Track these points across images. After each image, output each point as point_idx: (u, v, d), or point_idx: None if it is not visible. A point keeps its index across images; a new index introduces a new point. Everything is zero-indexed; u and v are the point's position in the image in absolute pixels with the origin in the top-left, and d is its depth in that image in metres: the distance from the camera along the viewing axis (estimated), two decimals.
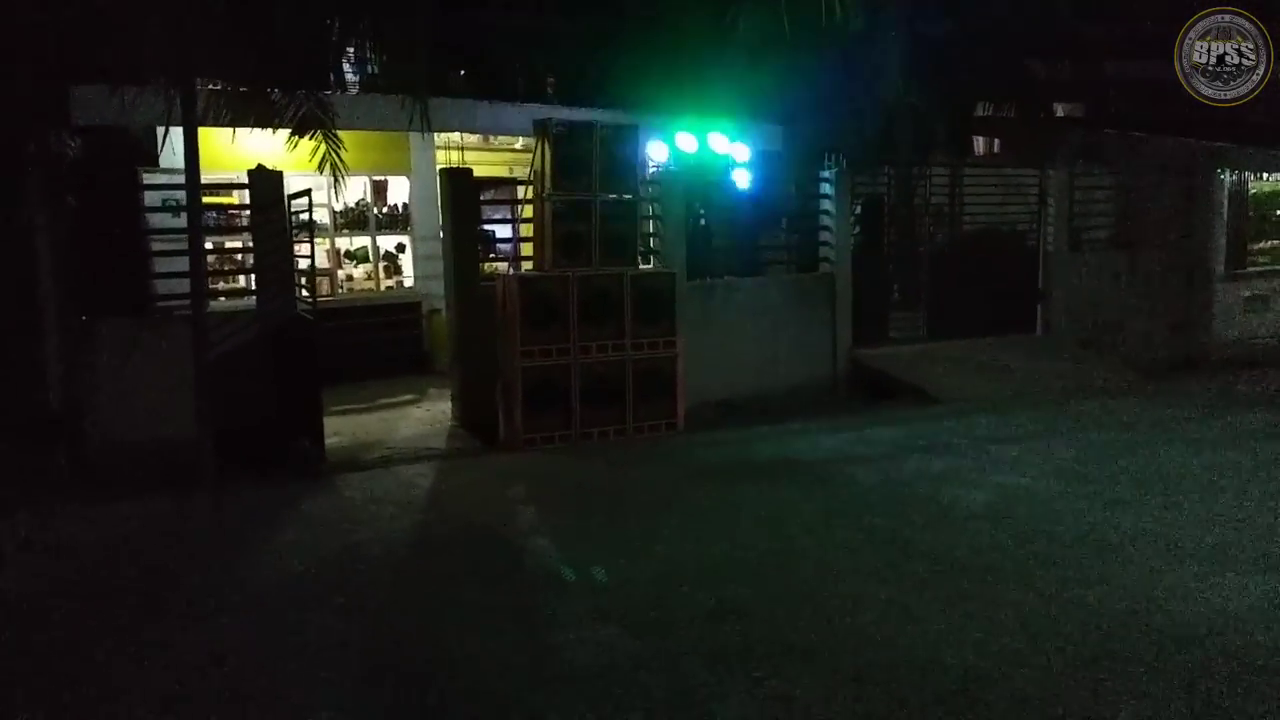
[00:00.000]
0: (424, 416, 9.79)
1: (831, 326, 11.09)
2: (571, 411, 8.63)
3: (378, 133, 10.97)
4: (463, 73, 12.65)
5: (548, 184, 8.57)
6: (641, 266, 9.43)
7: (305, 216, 8.62)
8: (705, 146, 10.66)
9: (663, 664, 4.29)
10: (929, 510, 6.43)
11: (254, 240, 8.67)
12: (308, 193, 8.21)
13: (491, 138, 13.72)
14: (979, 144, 16.53)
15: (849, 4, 11.44)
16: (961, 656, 4.26)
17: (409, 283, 12.00)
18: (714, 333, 9.97)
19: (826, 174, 11.17)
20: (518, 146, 13.67)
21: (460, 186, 9.35)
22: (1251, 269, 13.98)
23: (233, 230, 10.94)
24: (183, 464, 7.95)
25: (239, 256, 10.48)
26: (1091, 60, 14.17)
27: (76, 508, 6.92)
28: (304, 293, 8.65)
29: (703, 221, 11.10)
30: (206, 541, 6.37)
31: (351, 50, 9.39)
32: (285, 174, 8.67)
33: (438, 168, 11.95)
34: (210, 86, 8.30)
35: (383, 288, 11.89)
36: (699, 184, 10.61)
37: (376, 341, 11.37)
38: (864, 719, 3.78)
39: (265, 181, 8.56)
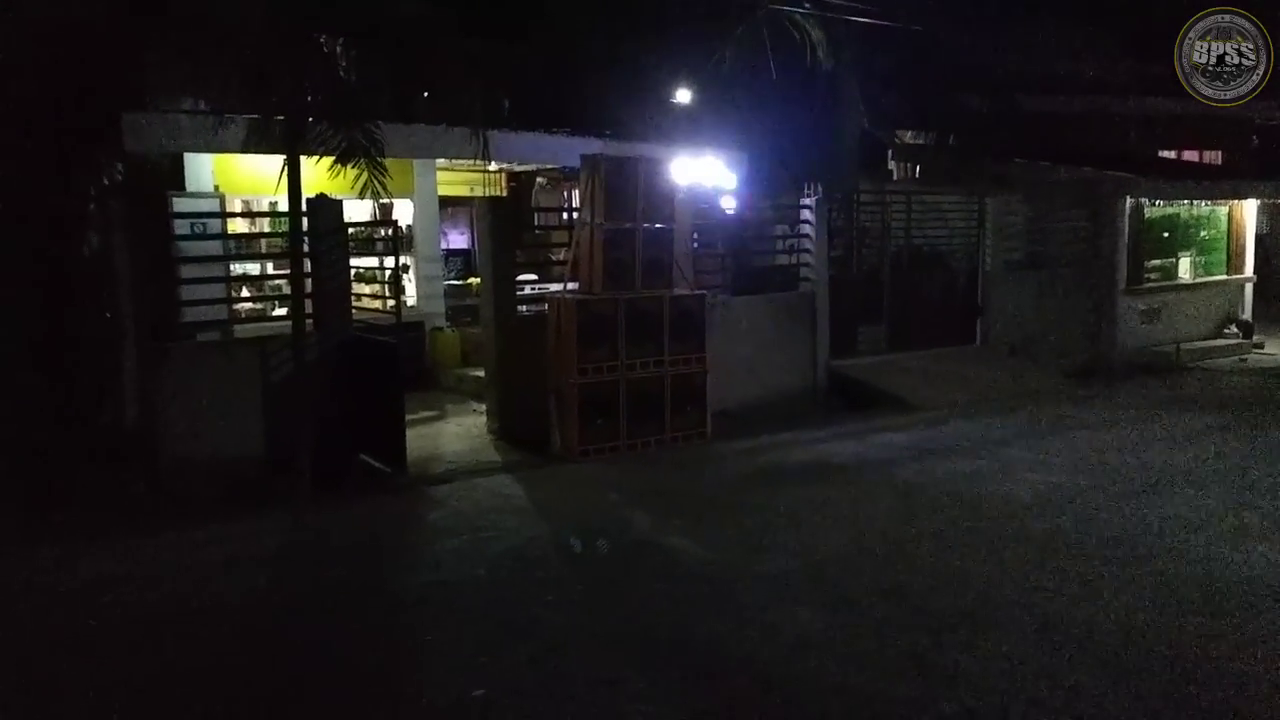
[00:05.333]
0: (459, 431, 10.28)
1: (813, 340, 12.09)
2: (619, 423, 9.33)
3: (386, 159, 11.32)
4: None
5: (598, 214, 9.25)
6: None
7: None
8: (697, 174, 11.56)
9: (876, 631, 5.13)
10: (987, 506, 7.42)
11: (313, 266, 8.99)
12: (394, 221, 8.62)
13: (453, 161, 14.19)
14: (896, 170, 17.93)
15: (822, 44, 12.58)
16: (1115, 616, 5.23)
17: (411, 302, 12.38)
18: (712, 348, 10.74)
19: (807, 201, 12.16)
20: (492, 169, 14.22)
21: (500, 215, 9.93)
22: (1146, 285, 15.80)
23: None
24: (252, 481, 8.35)
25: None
26: (1005, 94, 15.70)
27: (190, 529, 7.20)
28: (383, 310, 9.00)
29: (695, 244, 11.93)
30: (371, 552, 6.83)
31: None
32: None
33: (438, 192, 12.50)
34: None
35: (388, 307, 12.21)
36: (695, 209, 11.44)
37: None
38: (1070, 668, 4.71)
39: (326, 208, 8.95)
